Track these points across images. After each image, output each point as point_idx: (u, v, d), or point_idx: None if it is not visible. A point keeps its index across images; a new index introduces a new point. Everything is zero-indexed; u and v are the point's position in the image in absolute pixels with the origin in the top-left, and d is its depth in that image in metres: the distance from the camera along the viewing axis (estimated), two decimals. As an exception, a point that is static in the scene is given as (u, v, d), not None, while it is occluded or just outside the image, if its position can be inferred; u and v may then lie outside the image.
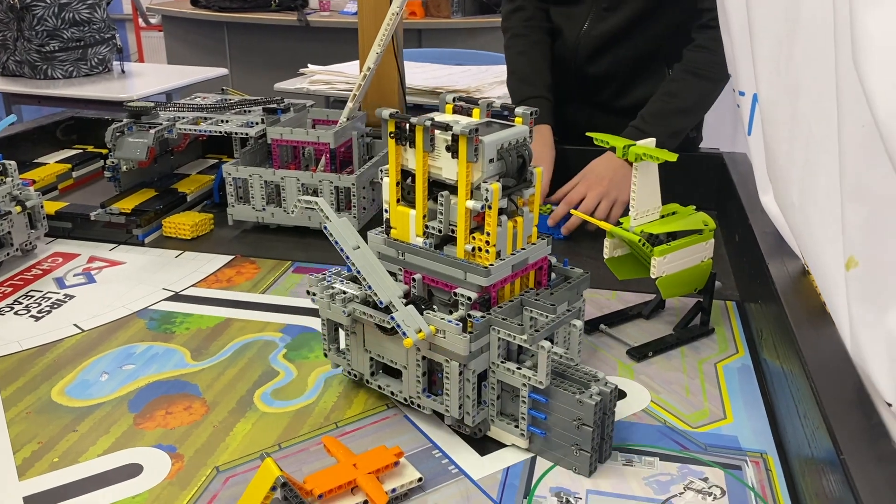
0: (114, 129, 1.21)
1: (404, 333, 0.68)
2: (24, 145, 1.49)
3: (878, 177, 0.54)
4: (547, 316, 0.72)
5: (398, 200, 0.75)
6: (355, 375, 0.80)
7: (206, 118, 1.28)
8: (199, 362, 0.87)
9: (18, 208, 1.08)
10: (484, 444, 0.73)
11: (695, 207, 0.92)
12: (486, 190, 0.68)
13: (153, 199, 1.24)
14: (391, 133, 0.72)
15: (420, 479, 0.66)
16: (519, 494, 0.66)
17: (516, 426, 0.71)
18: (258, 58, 3.77)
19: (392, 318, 0.69)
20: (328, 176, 1.17)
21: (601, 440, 0.68)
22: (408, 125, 0.71)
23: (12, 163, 1.09)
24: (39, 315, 0.97)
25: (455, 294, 0.71)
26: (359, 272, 0.71)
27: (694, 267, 0.89)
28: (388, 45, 1.19)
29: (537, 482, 0.68)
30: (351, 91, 1.22)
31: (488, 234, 0.70)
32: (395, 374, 0.77)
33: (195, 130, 1.25)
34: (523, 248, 0.75)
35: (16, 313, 0.97)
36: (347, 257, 0.71)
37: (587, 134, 0.89)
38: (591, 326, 0.93)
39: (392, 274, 0.75)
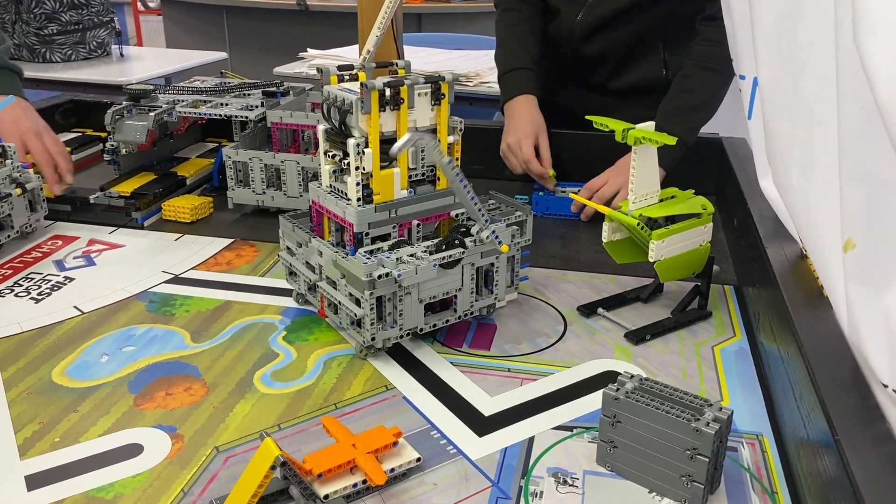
0: (113, 112, 1.21)
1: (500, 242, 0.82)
2: (22, 128, 1.48)
3: (877, 158, 0.54)
4: None
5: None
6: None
7: (205, 101, 1.28)
8: (198, 344, 0.87)
9: (18, 191, 1.08)
10: (482, 425, 0.73)
11: (693, 191, 0.92)
12: None
13: (152, 182, 1.24)
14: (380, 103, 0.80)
15: (419, 459, 0.66)
16: (517, 474, 0.67)
17: None
18: (257, 42, 3.75)
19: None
20: (327, 159, 1.17)
21: (714, 470, 0.63)
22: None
23: (12, 145, 1.09)
24: (39, 297, 0.97)
25: None
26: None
27: (692, 251, 0.89)
28: (388, 28, 1.18)
29: (534, 462, 0.68)
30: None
31: None
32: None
33: (195, 113, 1.25)
34: None
35: (16, 295, 0.98)
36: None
37: (587, 117, 0.88)
38: (590, 310, 0.94)
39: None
